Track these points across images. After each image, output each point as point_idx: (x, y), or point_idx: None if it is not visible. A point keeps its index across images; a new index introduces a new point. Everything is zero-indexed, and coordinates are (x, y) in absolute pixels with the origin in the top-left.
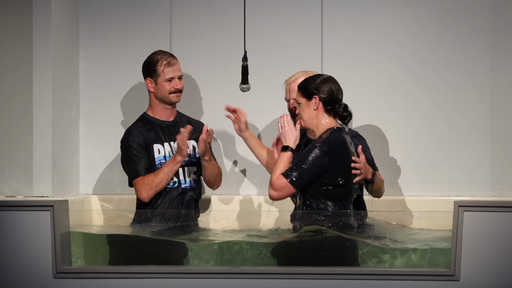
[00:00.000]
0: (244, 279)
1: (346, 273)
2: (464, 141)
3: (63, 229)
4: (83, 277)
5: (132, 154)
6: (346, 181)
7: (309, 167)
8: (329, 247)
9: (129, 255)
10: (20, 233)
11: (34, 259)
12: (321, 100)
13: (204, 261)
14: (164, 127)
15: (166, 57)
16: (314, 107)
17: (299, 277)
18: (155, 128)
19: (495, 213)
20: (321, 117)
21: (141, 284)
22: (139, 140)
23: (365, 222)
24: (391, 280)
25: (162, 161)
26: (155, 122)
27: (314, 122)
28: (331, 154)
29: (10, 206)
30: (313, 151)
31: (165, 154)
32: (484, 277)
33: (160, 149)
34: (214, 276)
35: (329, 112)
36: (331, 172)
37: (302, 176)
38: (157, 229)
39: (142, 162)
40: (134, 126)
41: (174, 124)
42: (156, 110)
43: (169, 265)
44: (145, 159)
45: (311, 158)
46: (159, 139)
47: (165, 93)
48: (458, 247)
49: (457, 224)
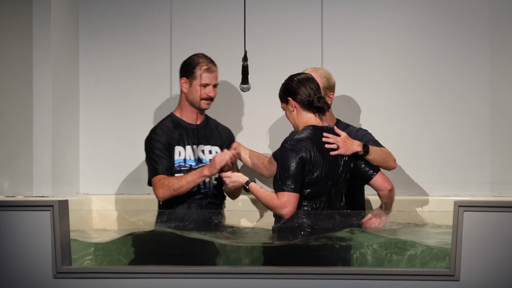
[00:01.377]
0: (244, 279)
1: (346, 273)
2: (464, 141)
3: (63, 229)
4: (83, 277)
5: (154, 153)
6: (321, 173)
7: (290, 168)
8: (328, 247)
9: (153, 254)
10: (20, 233)
11: (34, 259)
12: (295, 100)
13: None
14: (189, 129)
15: (207, 62)
16: (291, 109)
17: (299, 277)
18: (180, 130)
19: (495, 213)
20: (300, 116)
21: (141, 284)
22: (162, 140)
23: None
24: (391, 280)
25: (181, 164)
26: (181, 124)
27: (297, 123)
28: (294, 148)
29: (10, 206)
30: (282, 153)
31: (185, 157)
32: (484, 277)
33: (181, 151)
34: (214, 276)
35: (306, 109)
36: (307, 166)
37: (294, 179)
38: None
39: (163, 162)
40: (159, 126)
41: (200, 128)
42: (185, 111)
43: (169, 265)
44: (166, 159)
45: (285, 159)
46: (182, 142)
47: (196, 98)
48: (458, 247)
49: (457, 224)
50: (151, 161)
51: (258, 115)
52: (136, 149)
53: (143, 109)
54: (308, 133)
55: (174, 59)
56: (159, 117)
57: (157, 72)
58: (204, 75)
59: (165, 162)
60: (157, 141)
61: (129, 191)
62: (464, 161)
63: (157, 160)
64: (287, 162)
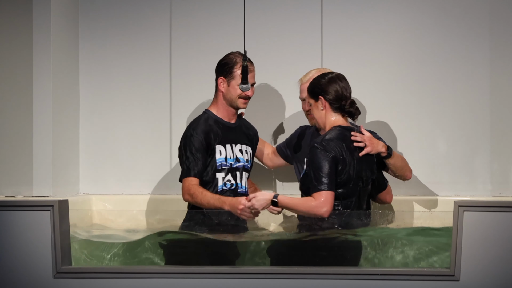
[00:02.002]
0: (244, 279)
1: (346, 273)
2: (464, 141)
3: (63, 229)
4: (83, 277)
5: (191, 152)
6: (353, 173)
7: (324, 167)
8: (327, 247)
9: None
10: (20, 233)
11: (34, 259)
12: (327, 100)
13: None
14: (226, 128)
15: (248, 63)
16: (321, 107)
17: (299, 277)
18: (219, 128)
19: (495, 213)
20: (329, 116)
21: (141, 284)
22: (202, 140)
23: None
24: (391, 280)
25: (223, 163)
26: (219, 122)
27: (324, 121)
28: (326, 148)
29: (10, 206)
30: (315, 154)
31: (226, 156)
32: (484, 277)
33: (222, 150)
34: (214, 276)
35: (336, 110)
36: (339, 166)
37: (328, 177)
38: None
39: (198, 164)
40: (198, 124)
41: (235, 127)
42: (221, 110)
43: (169, 265)
44: (202, 161)
45: (318, 159)
46: (222, 140)
47: (235, 97)
48: (458, 247)
49: (457, 224)
50: (186, 160)
51: (258, 115)
52: (136, 149)
53: (143, 109)
54: (338, 134)
55: (174, 59)
56: (159, 117)
57: (157, 72)
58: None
59: (200, 164)
60: (197, 140)
61: (130, 191)
62: (464, 161)
63: (192, 161)
64: (320, 162)
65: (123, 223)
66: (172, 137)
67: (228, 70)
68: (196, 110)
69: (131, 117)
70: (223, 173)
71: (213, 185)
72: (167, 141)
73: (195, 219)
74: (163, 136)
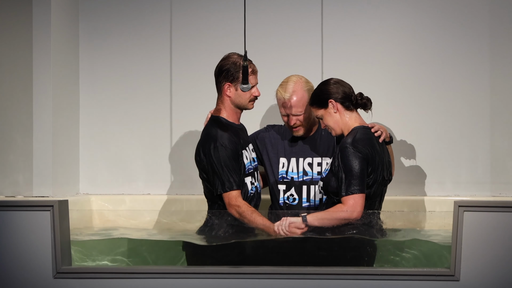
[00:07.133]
0: (244, 279)
1: (346, 273)
2: (464, 141)
3: (63, 229)
4: (83, 277)
5: (226, 164)
6: (379, 174)
7: (355, 169)
8: (327, 247)
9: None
10: (20, 233)
11: (34, 259)
12: (338, 101)
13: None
14: (239, 131)
15: (248, 63)
16: (334, 111)
17: (299, 277)
18: (236, 133)
19: (495, 213)
20: (344, 117)
21: (141, 284)
22: (232, 148)
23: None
24: (391, 280)
25: (250, 167)
26: (234, 127)
27: (340, 125)
28: (358, 149)
29: (10, 206)
30: (347, 155)
31: (250, 159)
32: (484, 277)
33: (247, 155)
34: (214, 276)
35: (349, 108)
36: (369, 166)
37: (359, 179)
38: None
39: (237, 174)
40: (220, 133)
41: (242, 128)
42: (231, 114)
43: (169, 265)
44: (237, 171)
45: (351, 161)
46: (243, 145)
47: (245, 100)
48: (458, 247)
49: (457, 224)
50: (223, 172)
51: (258, 115)
52: (136, 149)
53: (143, 109)
54: (363, 134)
55: (174, 59)
56: (159, 117)
57: (157, 72)
58: (250, 77)
59: (238, 174)
60: (228, 150)
61: (130, 191)
62: (464, 161)
63: (231, 172)
64: (352, 163)
65: (123, 223)
66: (172, 137)
67: (234, 75)
68: (196, 110)
69: (131, 117)
70: (250, 177)
71: (243, 190)
72: (167, 141)
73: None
74: (163, 136)
